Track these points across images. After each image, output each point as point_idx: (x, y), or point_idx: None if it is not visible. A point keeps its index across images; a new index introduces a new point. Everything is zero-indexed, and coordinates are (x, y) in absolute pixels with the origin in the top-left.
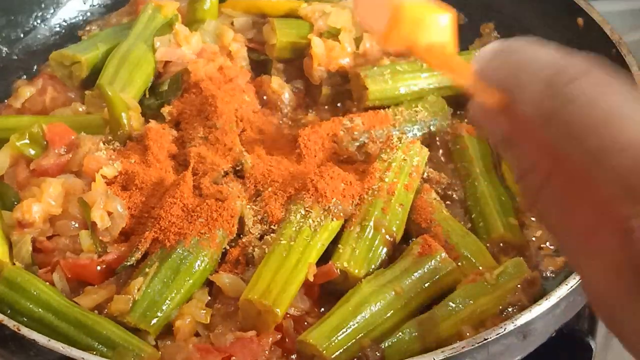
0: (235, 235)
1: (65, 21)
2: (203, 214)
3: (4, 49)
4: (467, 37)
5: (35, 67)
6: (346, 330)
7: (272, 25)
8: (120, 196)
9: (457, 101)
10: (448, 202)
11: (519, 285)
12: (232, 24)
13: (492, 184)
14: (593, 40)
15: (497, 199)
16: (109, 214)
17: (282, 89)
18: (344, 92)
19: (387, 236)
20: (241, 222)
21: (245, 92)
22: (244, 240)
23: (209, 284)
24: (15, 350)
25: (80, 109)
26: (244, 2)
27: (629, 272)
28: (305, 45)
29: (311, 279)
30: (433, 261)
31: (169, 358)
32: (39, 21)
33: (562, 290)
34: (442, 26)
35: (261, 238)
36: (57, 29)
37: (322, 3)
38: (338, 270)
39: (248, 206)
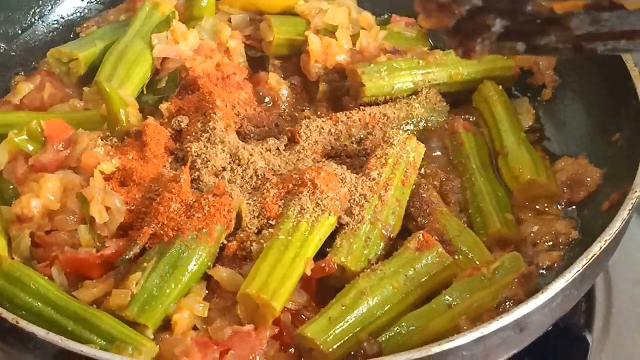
0: (233, 229)
1: (62, 18)
2: (201, 209)
3: (2, 46)
4: None
5: (33, 63)
6: (343, 324)
7: (269, 22)
8: (118, 191)
9: (453, 97)
10: (445, 198)
11: (515, 280)
12: (229, 21)
13: (488, 179)
14: None
15: (493, 194)
16: (107, 209)
17: (279, 85)
18: (341, 89)
19: (384, 231)
20: (239, 216)
21: (242, 88)
22: (241, 234)
23: (207, 278)
24: (14, 343)
25: (78, 105)
26: (241, 0)
27: None
28: (302, 42)
29: (309, 273)
30: (430, 256)
31: (167, 352)
32: (36, 18)
33: (559, 284)
34: None
35: (259, 233)
36: (55, 25)
37: (319, 0)
38: (335, 265)
39: (246, 201)
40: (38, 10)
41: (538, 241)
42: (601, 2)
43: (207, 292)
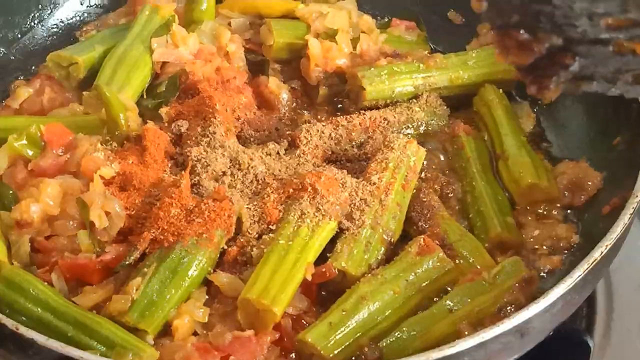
0: (233, 234)
1: (62, 22)
2: (201, 214)
3: (2, 50)
4: (464, 37)
5: (32, 67)
6: (344, 330)
7: (269, 26)
8: (118, 196)
9: (454, 101)
10: (445, 202)
11: (516, 284)
12: (229, 24)
13: (489, 183)
14: None
15: (494, 198)
16: (107, 214)
17: (279, 89)
18: (342, 93)
19: (385, 236)
20: (239, 221)
21: (242, 92)
22: (242, 240)
23: (207, 283)
24: (14, 350)
25: (78, 110)
26: (241, 3)
27: None
28: (302, 46)
29: (309, 278)
30: (431, 261)
31: (167, 357)
32: (36, 22)
33: (560, 289)
34: None
35: (259, 238)
36: (55, 29)
37: (319, 4)
38: (336, 270)
39: (246, 206)
40: (37, 14)
41: (539, 245)
42: None
43: (207, 297)
